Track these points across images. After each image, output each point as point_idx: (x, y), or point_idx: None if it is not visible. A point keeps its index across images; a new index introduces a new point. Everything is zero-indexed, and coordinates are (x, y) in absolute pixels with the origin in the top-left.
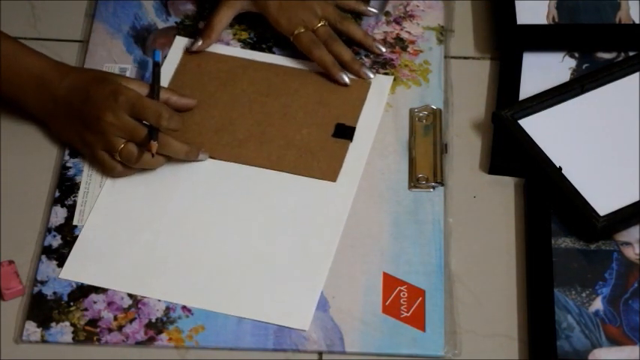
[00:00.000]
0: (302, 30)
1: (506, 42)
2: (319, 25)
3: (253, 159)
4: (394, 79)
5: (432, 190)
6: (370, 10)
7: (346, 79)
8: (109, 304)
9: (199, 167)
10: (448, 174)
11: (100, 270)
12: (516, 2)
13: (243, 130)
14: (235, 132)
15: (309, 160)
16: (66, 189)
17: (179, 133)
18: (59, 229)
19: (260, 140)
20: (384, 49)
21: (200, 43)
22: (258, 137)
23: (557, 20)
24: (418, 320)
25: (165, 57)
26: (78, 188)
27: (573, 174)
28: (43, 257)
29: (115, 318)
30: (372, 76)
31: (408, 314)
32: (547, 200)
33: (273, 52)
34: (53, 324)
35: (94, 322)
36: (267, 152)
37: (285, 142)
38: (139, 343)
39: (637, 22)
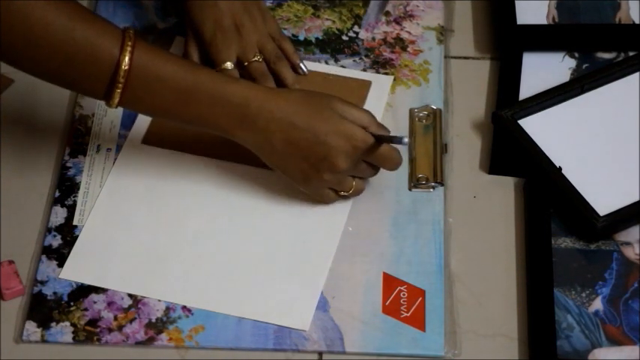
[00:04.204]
0: (228, 67)
1: (506, 42)
2: (253, 59)
3: (254, 159)
4: (394, 79)
5: (432, 190)
6: (301, 69)
7: None
8: (109, 304)
9: (199, 167)
10: (448, 174)
11: (100, 270)
12: (516, 2)
13: None
14: None
15: None
16: (66, 189)
17: (179, 131)
18: (59, 229)
19: None
20: None
21: None
22: None
23: (557, 20)
24: (418, 320)
25: None
26: (78, 188)
27: (573, 174)
28: (43, 257)
29: (115, 318)
30: None
31: (408, 314)
32: (547, 200)
33: None
34: (53, 324)
35: (94, 322)
36: None
37: None
38: (139, 343)
39: (637, 22)
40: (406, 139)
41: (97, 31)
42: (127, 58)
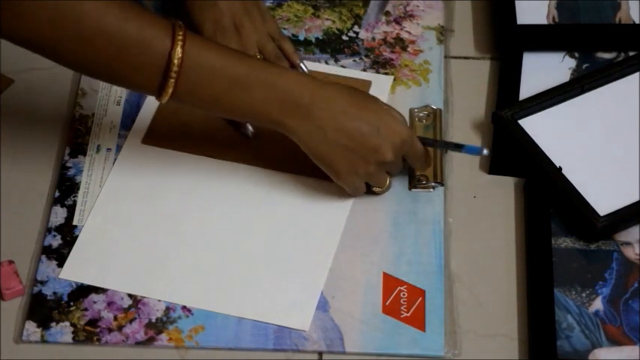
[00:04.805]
0: None
1: (506, 42)
2: None
3: (253, 159)
4: (394, 79)
5: (432, 190)
6: (301, 69)
7: (249, 132)
8: (109, 304)
9: (199, 167)
10: (448, 174)
11: (100, 270)
12: (516, 2)
13: None
14: (235, 131)
15: (309, 159)
16: (66, 189)
17: (179, 131)
18: (59, 229)
19: (260, 140)
20: None
21: None
22: (259, 137)
23: (557, 20)
24: (418, 320)
25: None
26: (78, 188)
27: (573, 174)
28: (43, 257)
29: (115, 318)
30: None
31: (408, 314)
32: (547, 200)
33: None
34: (53, 324)
35: (94, 322)
36: (268, 152)
37: (286, 141)
38: (138, 343)
39: (637, 22)
40: (486, 151)
41: (148, 22)
42: (179, 48)
